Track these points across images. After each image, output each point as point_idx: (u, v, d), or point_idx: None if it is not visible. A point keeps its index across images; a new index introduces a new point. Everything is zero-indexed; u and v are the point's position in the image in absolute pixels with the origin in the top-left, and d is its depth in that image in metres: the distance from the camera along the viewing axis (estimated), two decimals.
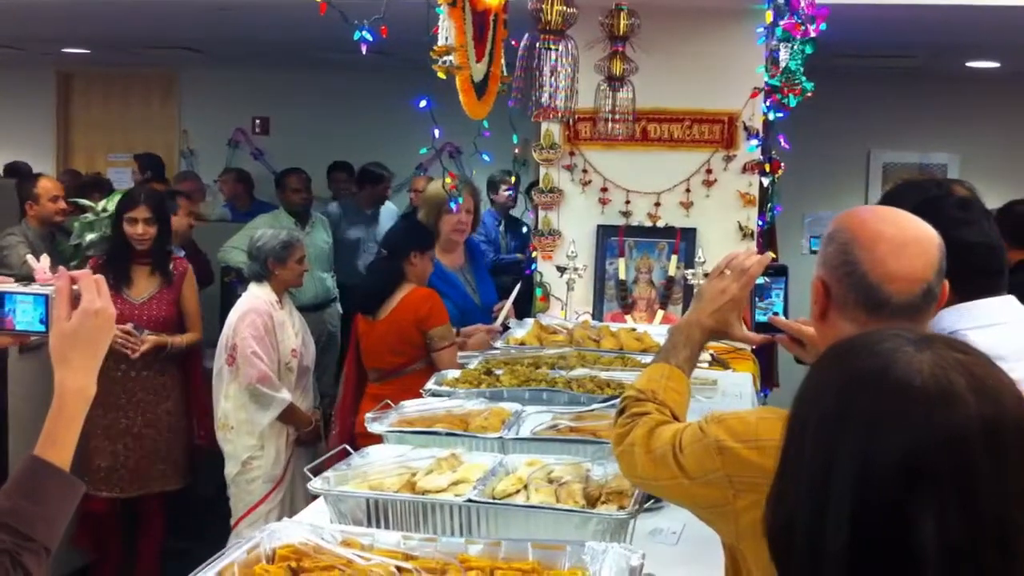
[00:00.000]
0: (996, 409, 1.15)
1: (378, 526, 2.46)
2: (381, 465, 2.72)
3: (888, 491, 1.14)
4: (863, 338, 1.27)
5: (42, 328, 1.75)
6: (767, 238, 6.01)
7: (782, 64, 4.29)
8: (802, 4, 3.96)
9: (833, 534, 1.16)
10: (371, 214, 8.16)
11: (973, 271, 2.19)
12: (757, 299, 2.34)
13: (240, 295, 5.28)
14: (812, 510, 1.18)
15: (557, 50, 3.53)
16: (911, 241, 1.85)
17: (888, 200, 2.52)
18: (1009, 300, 2.48)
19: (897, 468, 1.14)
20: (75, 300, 1.72)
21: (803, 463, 1.22)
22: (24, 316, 1.76)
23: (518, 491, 2.55)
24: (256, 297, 5.08)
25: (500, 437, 2.96)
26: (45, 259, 5.16)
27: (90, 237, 5.68)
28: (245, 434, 5.02)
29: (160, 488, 5.23)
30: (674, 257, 5.63)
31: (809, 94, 4.49)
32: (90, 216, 5.75)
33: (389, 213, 8.15)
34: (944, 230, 1.96)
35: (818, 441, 1.20)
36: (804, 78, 4.34)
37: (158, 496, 5.27)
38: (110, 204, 5.84)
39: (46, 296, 1.74)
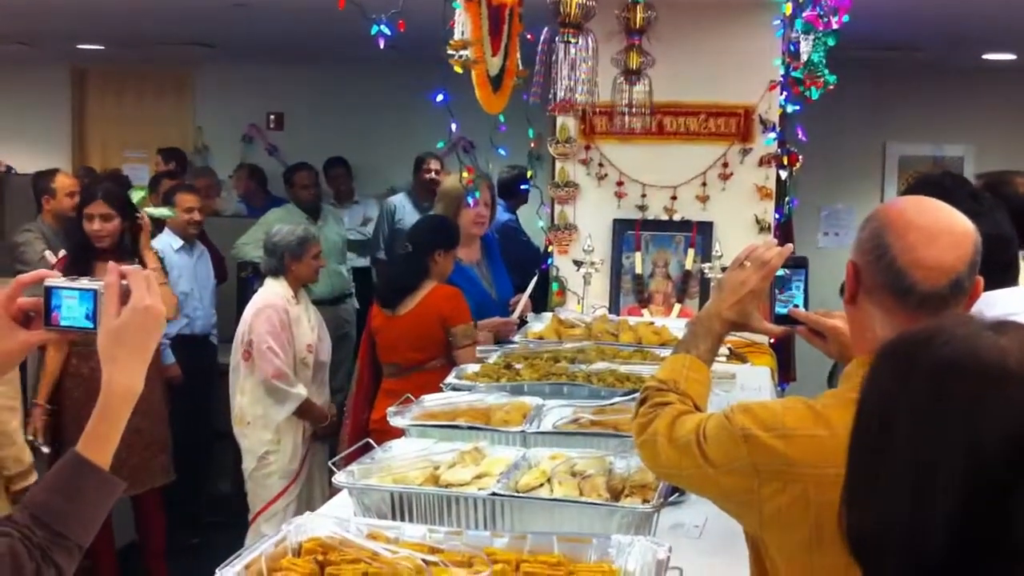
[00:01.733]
0: None
1: (402, 519, 2.47)
2: (404, 459, 2.73)
3: (999, 475, 1.12)
4: (931, 328, 1.25)
5: (89, 325, 1.70)
6: (784, 231, 6.00)
7: (803, 56, 4.26)
8: None
9: (942, 528, 1.14)
10: (427, 206, 8.10)
11: (985, 263, 2.19)
12: (777, 291, 2.33)
13: (256, 290, 5.29)
14: (915, 505, 1.16)
15: (576, 43, 3.53)
16: (944, 232, 1.84)
17: (906, 192, 2.52)
18: (1020, 291, 2.46)
19: (1007, 451, 1.12)
20: (124, 296, 1.67)
21: (896, 459, 1.19)
22: (70, 312, 1.70)
23: (542, 484, 2.55)
24: (272, 292, 5.08)
25: (522, 431, 2.96)
26: (63, 255, 5.18)
27: None
28: (261, 429, 5.03)
29: (161, 482, 5.20)
30: (691, 251, 5.63)
31: (831, 87, 4.48)
32: None
33: None
34: None
35: (916, 435, 1.18)
36: (827, 70, 4.32)
37: (158, 491, 5.24)
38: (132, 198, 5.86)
39: (94, 292, 1.69)
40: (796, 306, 2.32)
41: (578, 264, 5.30)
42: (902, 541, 1.17)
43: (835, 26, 4.09)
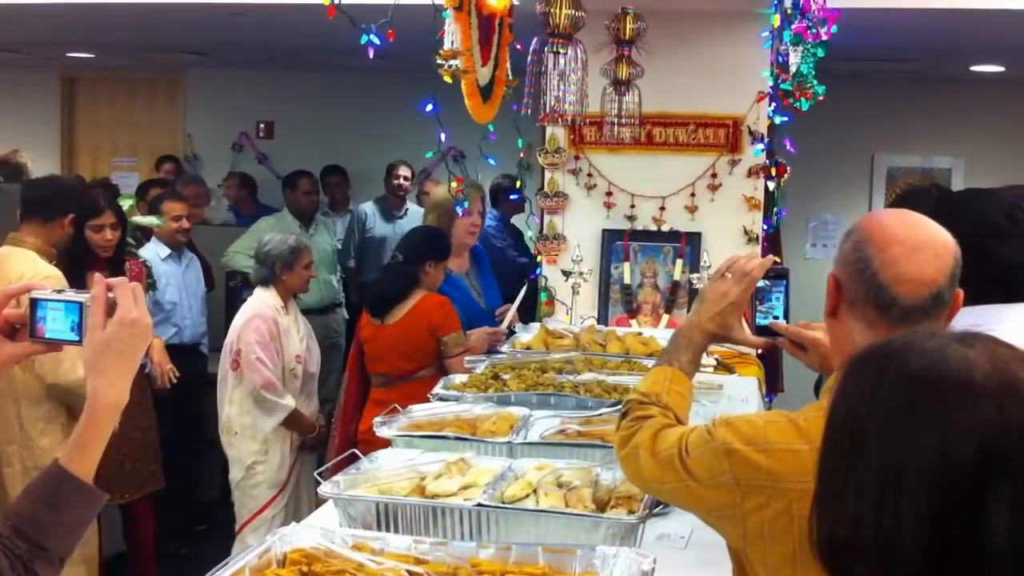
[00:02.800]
0: None
1: (388, 530, 2.46)
2: (390, 469, 2.72)
3: (967, 485, 1.14)
4: (901, 341, 1.26)
5: (74, 337, 1.68)
6: (772, 242, 6.02)
7: (792, 68, 4.27)
8: (813, 7, 3.95)
9: (912, 534, 1.15)
10: (396, 214, 8.10)
11: (996, 284, 2.16)
12: (758, 303, 2.33)
13: (245, 299, 5.27)
14: (886, 513, 1.17)
15: (566, 54, 3.53)
16: (924, 245, 1.85)
17: (897, 204, 2.51)
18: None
19: (976, 460, 1.14)
20: (111, 308, 1.67)
21: (868, 467, 1.20)
22: (55, 324, 1.69)
23: (528, 495, 2.55)
24: (261, 302, 5.07)
25: (509, 442, 2.96)
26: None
27: None
28: (249, 439, 5.01)
29: (152, 488, 5.20)
30: (679, 261, 5.64)
31: (820, 97, 4.49)
32: None
33: (416, 214, 8.05)
34: (982, 235, 1.95)
35: (886, 444, 1.19)
36: (815, 81, 4.33)
37: (148, 497, 5.24)
38: None
39: (80, 304, 1.68)
40: (776, 318, 2.32)
41: (567, 274, 5.30)
42: (873, 549, 1.18)
43: (824, 37, 4.09)
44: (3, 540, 1.57)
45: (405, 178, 8.13)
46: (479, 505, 2.45)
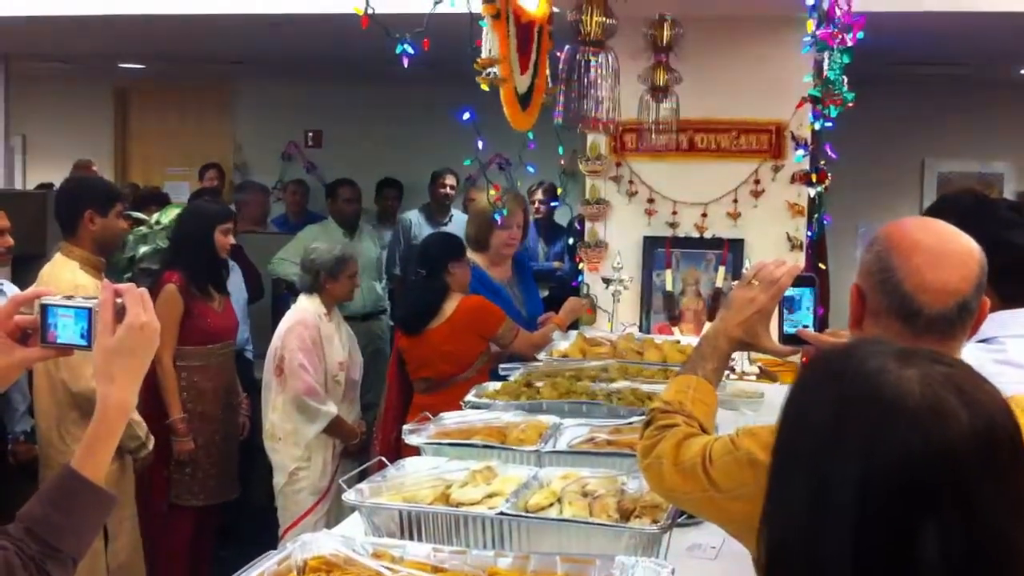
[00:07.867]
0: (987, 423, 1.16)
1: (411, 538, 2.45)
2: (416, 477, 2.72)
3: (890, 510, 1.13)
4: (848, 358, 1.25)
5: (84, 342, 1.72)
6: (816, 249, 5.95)
7: (825, 74, 4.22)
8: (838, 13, 3.90)
9: (835, 553, 1.15)
10: (442, 221, 8.13)
11: (1020, 275, 2.14)
12: (787, 310, 2.29)
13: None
14: (810, 530, 1.17)
15: (597, 61, 3.53)
16: (950, 253, 1.82)
17: (930, 213, 2.48)
18: None
19: (898, 487, 1.13)
20: (120, 314, 1.70)
21: (796, 483, 1.21)
22: (66, 330, 1.73)
23: (551, 504, 2.53)
24: (304, 309, 5.11)
25: (536, 450, 2.95)
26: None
27: (143, 250, 5.76)
28: (292, 445, 5.05)
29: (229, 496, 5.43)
30: (721, 268, 5.60)
31: (850, 104, 4.43)
32: (144, 229, 5.83)
33: (461, 221, 8.09)
34: (995, 231, 1.92)
35: (813, 464, 1.19)
36: (844, 88, 4.27)
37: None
38: (164, 217, 5.92)
39: (89, 310, 1.71)
40: (806, 326, 2.28)
41: (608, 282, 5.29)
42: (800, 558, 1.18)
43: (849, 43, 4.03)
44: (15, 541, 1.59)
45: (451, 187, 8.15)
46: (501, 514, 2.43)
